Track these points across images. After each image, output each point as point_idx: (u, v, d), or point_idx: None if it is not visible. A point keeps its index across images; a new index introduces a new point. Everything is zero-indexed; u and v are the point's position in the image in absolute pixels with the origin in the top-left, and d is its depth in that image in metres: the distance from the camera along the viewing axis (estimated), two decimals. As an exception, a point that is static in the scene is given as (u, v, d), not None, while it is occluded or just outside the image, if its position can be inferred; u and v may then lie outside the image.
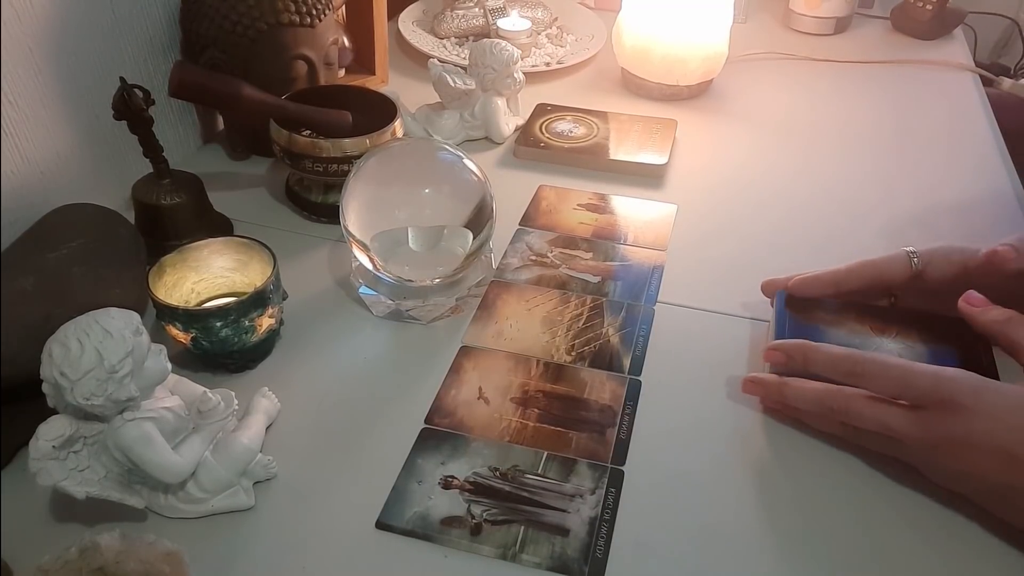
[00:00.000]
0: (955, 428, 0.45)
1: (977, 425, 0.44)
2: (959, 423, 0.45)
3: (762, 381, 0.54)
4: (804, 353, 0.52)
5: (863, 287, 0.58)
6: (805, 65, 1.03)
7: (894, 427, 0.47)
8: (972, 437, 0.44)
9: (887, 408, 0.48)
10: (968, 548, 0.47)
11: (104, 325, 0.42)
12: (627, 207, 0.75)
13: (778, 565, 0.46)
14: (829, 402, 0.50)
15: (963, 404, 0.45)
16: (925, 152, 0.84)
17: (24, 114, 0.61)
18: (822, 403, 0.50)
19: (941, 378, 0.46)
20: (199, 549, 0.45)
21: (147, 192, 0.64)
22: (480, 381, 0.57)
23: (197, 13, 0.71)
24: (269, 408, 0.53)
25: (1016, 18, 1.65)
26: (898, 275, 0.57)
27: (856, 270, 0.58)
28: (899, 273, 0.57)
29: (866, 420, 0.48)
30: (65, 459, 0.43)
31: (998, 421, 0.44)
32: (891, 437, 0.47)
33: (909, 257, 0.56)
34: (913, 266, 0.56)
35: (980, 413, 0.44)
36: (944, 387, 0.46)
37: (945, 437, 0.45)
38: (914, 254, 0.56)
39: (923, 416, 0.46)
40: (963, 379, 0.46)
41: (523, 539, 0.46)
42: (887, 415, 0.47)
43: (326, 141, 0.67)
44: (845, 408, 0.49)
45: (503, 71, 0.81)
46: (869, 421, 0.48)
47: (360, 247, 0.59)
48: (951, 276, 0.56)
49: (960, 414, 0.45)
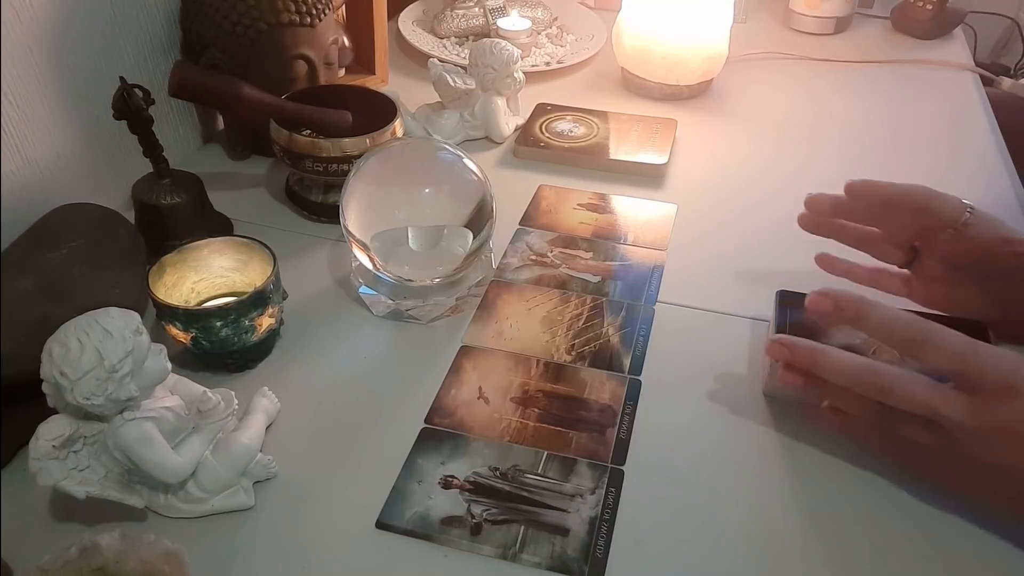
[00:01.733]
0: (1013, 415, 0.42)
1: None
2: (1018, 410, 0.41)
3: (791, 344, 0.48)
4: (858, 307, 0.46)
5: (912, 208, 0.56)
6: (805, 65, 1.03)
7: (945, 410, 0.43)
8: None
9: (939, 389, 0.43)
10: (969, 547, 0.47)
11: (104, 325, 0.42)
12: (627, 207, 0.75)
13: (778, 565, 0.46)
14: (871, 377, 0.45)
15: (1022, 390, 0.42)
16: (925, 152, 0.84)
17: (24, 114, 0.61)
18: (860, 378, 0.45)
19: (1005, 359, 0.43)
20: (199, 549, 0.44)
21: (147, 192, 0.64)
22: (480, 381, 0.57)
23: (197, 13, 0.71)
24: (269, 408, 0.53)
25: (1016, 18, 1.65)
26: (948, 215, 0.55)
27: (915, 192, 0.56)
28: (950, 214, 0.55)
29: (913, 401, 0.44)
30: (65, 459, 0.43)
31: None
32: (932, 425, 0.44)
33: (965, 208, 0.55)
34: (964, 216, 0.54)
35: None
36: (1007, 370, 0.42)
37: (1002, 424, 0.42)
38: (970, 208, 0.55)
39: (979, 400, 0.42)
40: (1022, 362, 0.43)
41: (523, 539, 0.46)
42: (938, 396, 0.43)
43: (326, 141, 0.67)
44: (890, 386, 0.44)
45: (503, 71, 0.81)
46: (917, 403, 0.43)
47: (360, 247, 0.59)
48: (988, 244, 0.54)
49: (1019, 401, 0.41)
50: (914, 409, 0.44)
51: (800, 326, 0.56)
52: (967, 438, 0.43)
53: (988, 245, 0.55)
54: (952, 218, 0.55)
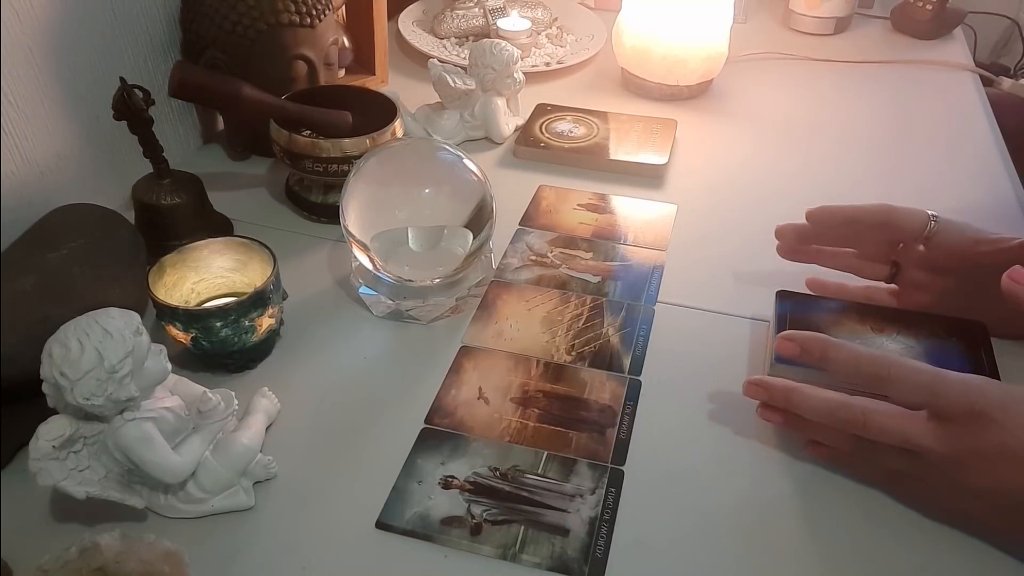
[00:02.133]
0: (985, 441, 0.42)
1: (1008, 438, 0.42)
2: (988, 435, 0.42)
3: (767, 385, 0.50)
4: (823, 349, 0.48)
5: (875, 225, 0.57)
6: (805, 65, 1.03)
7: (918, 440, 0.44)
8: (1003, 450, 0.42)
9: (911, 419, 0.44)
10: (969, 548, 0.46)
11: (104, 325, 0.42)
12: (627, 207, 0.75)
13: (778, 565, 0.46)
14: (844, 413, 0.46)
15: (992, 416, 0.42)
16: (925, 152, 0.84)
17: (24, 114, 0.61)
18: (836, 415, 0.46)
19: (970, 387, 0.44)
20: (199, 549, 0.45)
21: (147, 192, 0.64)
22: (480, 381, 0.57)
23: (197, 13, 0.71)
24: (269, 408, 0.53)
25: (1016, 18, 1.65)
26: (912, 229, 0.56)
27: (874, 209, 0.57)
28: (913, 227, 0.56)
29: (887, 433, 0.45)
30: (65, 459, 0.43)
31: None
32: (910, 454, 0.45)
33: (928, 218, 0.56)
34: (928, 227, 0.56)
35: (1009, 425, 0.42)
36: (974, 398, 0.43)
37: (973, 450, 0.43)
38: (934, 218, 0.56)
39: (949, 429, 0.43)
40: (991, 390, 0.44)
41: (523, 539, 0.46)
42: (911, 427, 0.44)
43: (326, 141, 0.67)
44: (863, 420, 0.45)
45: (503, 71, 0.81)
46: (891, 434, 0.45)
47: (360, 247, 0.59)
48: (958, 251, 0.56)
49: (990, 427, 0.42)
50: (889, 441, 0.45)
51: (800, 326, 0.56)
52: (942, 464, 0.44)
53: (960, 250, 0.56)
54: (916, 230, 0.56)
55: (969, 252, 0.55)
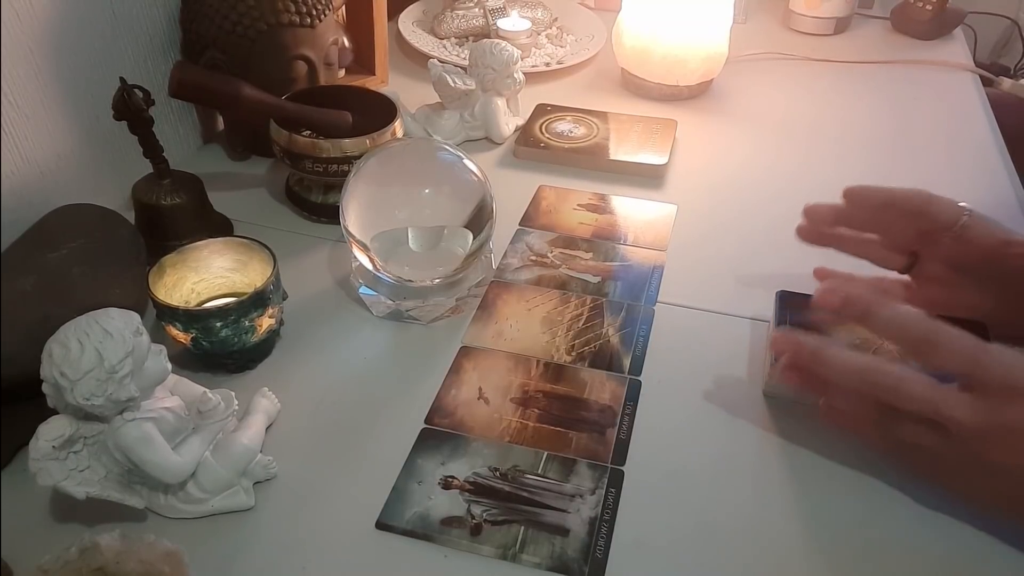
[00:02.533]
0: (1016, 416, 0.41)
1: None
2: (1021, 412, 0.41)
3: (796, 341, 0.48)
4: (867, 305, 0.46)
5: (910, 212, 0.56)
6: (805, 65, 1.03)
7: (949, 411, 0.42)
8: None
9: (943, 389, 0.43)
10: (969, 548, 0.47)
11: (104, 325, 0.42)
12: (627, 207, 0.75)
13: (778, 565, 0.46)
14: (876, 376, 0.44)
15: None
16: (925, 152, 0.84)
17: (24, 114, 0.61)
18: (866, 376, 0.45)
19: (1013, 363, 0.42)
20: (199, 549, 0.45)
21: (147, 192, 0.64)
22: (480, 381, 0.57)
23: (197, 13, 0.71)
24: (269, 408, 0.53)
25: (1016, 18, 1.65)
26: (946, 219, 0.55)
27: (912, 193, 0.56)
28: (948, 217, 0.55)
29: (917, 400, 0.43)
30: (65, 459, 0.43)
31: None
32: (934, 427, 0.43)
33: (962, 211, 0.55)
34: (961, 220, 0.55)
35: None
36: (1016, 373, 0.42)
37: (1003, 424, 0.42)
38: (967, 212, 0.55)
39: (984, 401, 0.42)
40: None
41: (523, 539, 0.46)
42: (943, 396, 0.43)
43: (326, 141, 0.67)
44: (895, 384, 0.44)
45: (503, 71, 0.81)
46: (921, 402, 0.43)
47: (360, 247, 0.59)
48: (986, 249, 0.55)
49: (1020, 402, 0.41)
50: (918, 408, 0.44)
51: (800, 326, 0.56)
52: (970, 438, 0.43)
53: (988, 247, 0.55)
54: (950, 221, 0.55)
55: (997, 252, 0.54)
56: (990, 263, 0.55)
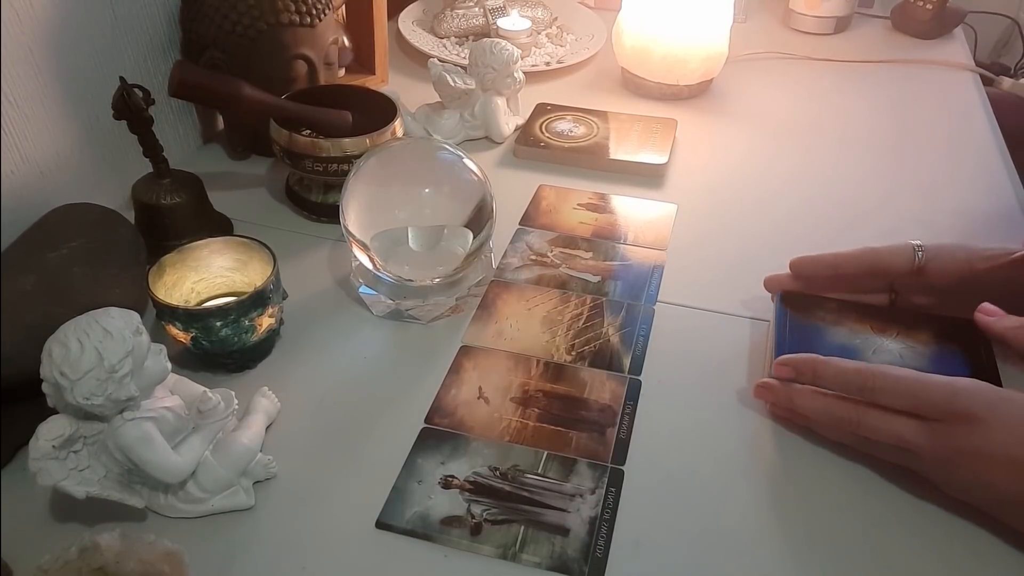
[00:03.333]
0: (970, 440, 0.44)
1: (993, 437, 0.44)
2: (974, 435, 0.44)
3: (772, 387, 0.53)
4: (814, 368, 0.51)
5: (863, 272, 0.58)
6: (805, 65, 1.03)
7: (908, 439, 0.46)
8: (988, 449, 0.44)
9: (901, 420, 0.47)
10: (972, 554, 0.46)
11: (104, 325, 0.42)
12: (627, 207, 0.75)
13: (778, 565, 0.46)
14: (840, 412, 0.49)
15: (978, 416, 0.44)
16: (925, 152, 0.84)
17: (24, 114, 0.61)
18: (832, 414, 0.50)
19: (956, 390, 0.46)
20: (199, 549, 0.45)
21: (147, 192, 0.64)
22: (480, 381, 0.57)
23: (197, 13, 0.71)
24: (269, 408, 0.53)
25: (1016, 18, 1.65)
26: (900, 266, 0.56)
27: (858, 255, 0.57)
28: (902, 264, 0.56)
29: (879, 432, 0.47)
30: (65, 459, 0.43)
31: (1013, 433, 0.43)
32: (904, 449, 0.47)
33: (914, 250, 0.56)
34: (917, 260, 0.56)
35: (995, 425, 0.44)
36: (959, 399, 0.45)
37: (960, 449, 0.45)
38: (920, 248, 0.56)
39: (937, 428, 0.45)
40: (977, 390, 0.45)
41: (523, 539, 0.46)
42: (901, 427, 0.47)
43: (326, 141, 0.67)
44: (857, 420, 0.48)
45: (503, 71, 0.81)
46: (882, 433, 0.47)
47: (360, 247, 0.59)
48: (955, 274, 0.56)
49: (975, 426, 0.44)
50: (883, 440, 0.48)
51: (800, 326, 0.56)
52: (937, 463, 0.46)
53: (956, 272, 0.56)
54: (906, 265, 0.56)
55: (966, 273, 0.56)
56: (965, 283, 0.56)
